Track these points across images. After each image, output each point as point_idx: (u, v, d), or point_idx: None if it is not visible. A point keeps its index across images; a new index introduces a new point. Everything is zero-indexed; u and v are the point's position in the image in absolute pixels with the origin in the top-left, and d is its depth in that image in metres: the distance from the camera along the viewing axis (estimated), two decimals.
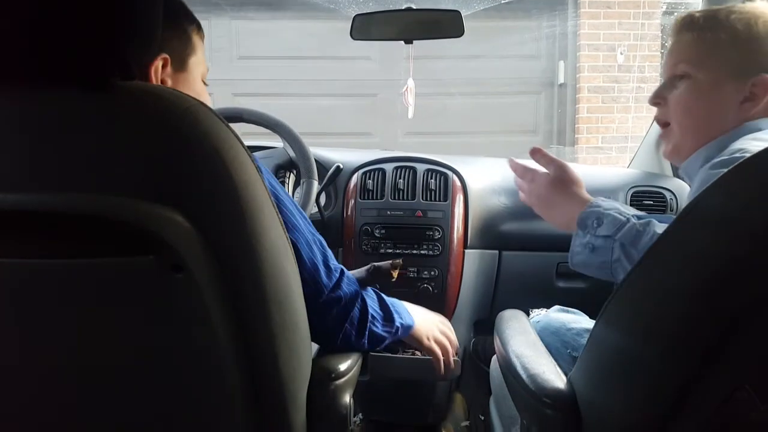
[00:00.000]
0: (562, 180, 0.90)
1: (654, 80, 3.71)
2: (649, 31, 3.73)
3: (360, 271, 1.10)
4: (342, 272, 0.85)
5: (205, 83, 0.89)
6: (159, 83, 0.80)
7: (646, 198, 1.49)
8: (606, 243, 0.74)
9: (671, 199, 1.49)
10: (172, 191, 0.57)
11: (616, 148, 3.74)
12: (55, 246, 0.58)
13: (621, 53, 3.72)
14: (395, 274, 1.11)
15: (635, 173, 1.59)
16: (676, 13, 3.61)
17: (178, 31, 0.83)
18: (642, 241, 0.72)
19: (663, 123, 0.92)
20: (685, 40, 0.88)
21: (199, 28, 0.86)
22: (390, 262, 1.11)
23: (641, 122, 3.43)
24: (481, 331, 1.52)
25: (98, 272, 0.59)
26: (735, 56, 0.84)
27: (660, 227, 0.72)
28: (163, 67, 0.80)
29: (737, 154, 0.73)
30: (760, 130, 0.81)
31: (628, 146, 3.54)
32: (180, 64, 0.83)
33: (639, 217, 0.76)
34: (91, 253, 0.58)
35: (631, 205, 1.49)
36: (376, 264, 1.09)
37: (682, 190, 1.51)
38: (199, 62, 0.86)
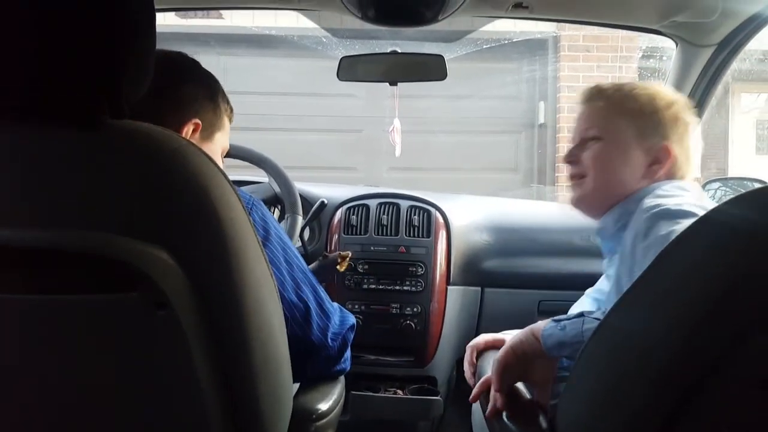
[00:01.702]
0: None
1: None
2: (627, 74, 3.86)
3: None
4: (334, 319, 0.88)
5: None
6: None
7: None
8: (578, 320, 0.76)
9: None
10: (159, 229, 0.57)
11: None
12: (39, 282, 0.58)
13: None
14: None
15: None
16: (652, 58, 3.75)
17: (214, 105, 0.91)
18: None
19: (577, 177, 1.00)
20: (595, 107, 0.99)
21: (231, 111, 0.96)
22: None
23: None
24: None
25: (81, 308, 0.59)
26: (639, 124, 0.94)
27: None
28: (194, 131, 0.87)
29: (655, 209, 0.81)
30: (661, 189, 0.90)
31: None
32: (208, 134, 0.90)
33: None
34: (74, 290, 0.58)
35: None
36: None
37: None
38: (223, 139, 0.95)
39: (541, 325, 0.81)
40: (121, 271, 0.56)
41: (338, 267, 1.14)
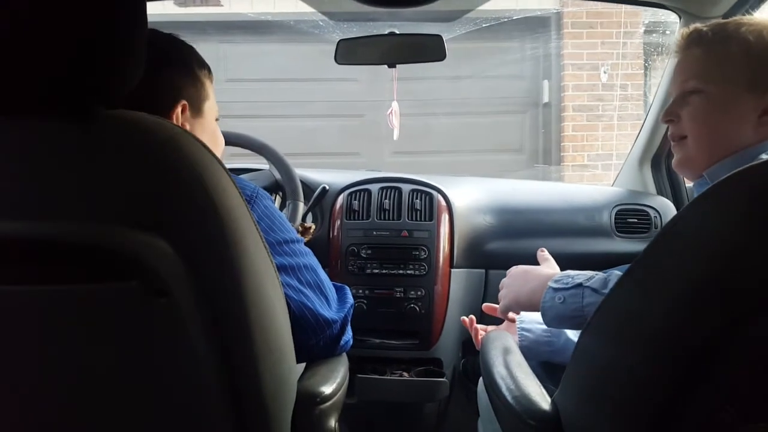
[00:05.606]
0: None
1: (637, 98, 3.78)
2: (631, 50, 3.81)
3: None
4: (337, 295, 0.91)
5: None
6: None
7: (631, 216, 1.51)
8: (576, 291, 0.75)
9: (655, 216, 1.51)
10: (155, 217, 0.58)
11: (602, 165, 3.79)
12: (37, 273, 0.58)
13: (604, 72, 3.78)
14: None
15: (619, 191, 1.61)
16: (656, 33, 3.69)
17: (193, 78, 0.89)
18: (610, 283, 0.73)
19: (678, 137, 0.89)
20: (693, 55, 0.86)
21: (209, 71, 0.92)
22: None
23: (625, 140, 3.48)
24: (470, 350, 1.52)
25: (81, 298, 0.59)
26: (749, 68, 0.82)
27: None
28: (183, 112, 0.87)
29: None
30: None
31: (613, 163, 3.59)
32: (197, 110, 0.89)
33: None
34: (73, 280, 0.58)
35: (615, 223, 1.51)
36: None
37: (665, 208, 1.53)
38: (212, 106, 0.92)
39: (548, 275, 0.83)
40: (120, 261, 0.57)
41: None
